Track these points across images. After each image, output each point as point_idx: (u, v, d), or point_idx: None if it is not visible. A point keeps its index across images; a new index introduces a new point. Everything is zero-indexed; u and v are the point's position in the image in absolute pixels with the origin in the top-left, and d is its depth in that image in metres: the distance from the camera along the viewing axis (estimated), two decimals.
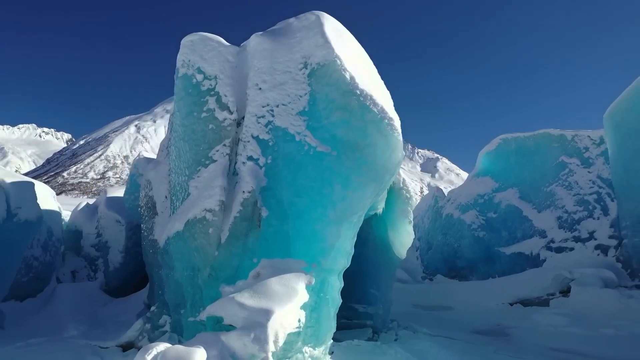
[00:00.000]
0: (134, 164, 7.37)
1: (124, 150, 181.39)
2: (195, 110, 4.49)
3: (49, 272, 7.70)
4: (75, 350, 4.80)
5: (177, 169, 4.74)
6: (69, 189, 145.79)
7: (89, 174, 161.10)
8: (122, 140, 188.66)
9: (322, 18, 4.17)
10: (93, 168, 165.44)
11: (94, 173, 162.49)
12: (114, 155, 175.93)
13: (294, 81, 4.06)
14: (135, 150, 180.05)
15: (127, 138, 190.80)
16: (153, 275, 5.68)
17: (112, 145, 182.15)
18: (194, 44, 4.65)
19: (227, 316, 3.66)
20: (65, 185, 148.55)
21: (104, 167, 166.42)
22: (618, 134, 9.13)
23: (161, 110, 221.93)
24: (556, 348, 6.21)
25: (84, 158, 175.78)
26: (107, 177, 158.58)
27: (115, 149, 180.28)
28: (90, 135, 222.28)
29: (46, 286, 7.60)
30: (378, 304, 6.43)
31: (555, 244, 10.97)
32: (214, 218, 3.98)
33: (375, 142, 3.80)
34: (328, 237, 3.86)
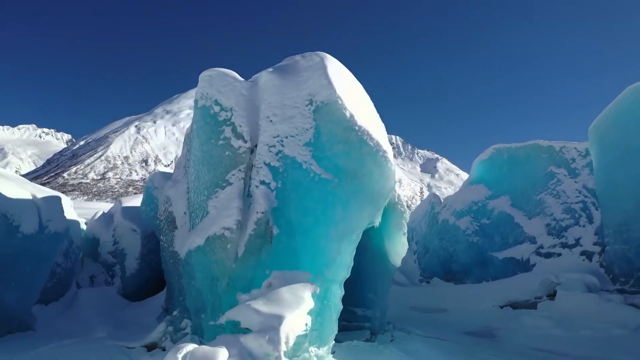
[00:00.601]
0: (150, 177, 7.97)
1: (124, 150, 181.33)
2: (213, 137, 5.10)
3: (70, 278, 8.29)
4: (105, 350, 5.40)
5: (196, 189, 5.35)
6: (69, 189, 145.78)
7: (89, 175, 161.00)
8: (122, 140, 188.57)
9: (326, 60, 4.78)
10: (93, 169, 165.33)
11: (94, 174, 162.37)
12: (114, 155, 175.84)
13: (301, 116, 4.67)
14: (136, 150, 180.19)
15: (127, 139, 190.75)
16: (172, 282, 6.28)
17: (112, 146, 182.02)
18: (211, 79, 5.26)
19: (244, 320, 4.26)
20: (66, 186, 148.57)
21: (104, 168, 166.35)
22: (601, 147, 9.75)
23: (161, 111, 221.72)
24: (537, 348, 6.81)
25: (84, 159, 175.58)
26: (107, 178, 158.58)
27: (115, 149, 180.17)
28: (90, 136, 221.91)
29: (67, 291, 8.19)
30: (375, 307, 7.03)
31: (544, 249, 11.56)
32: (231, 235, 4.59)
33: (371, 171, 4.42)
34: (330, 252, 4.48)
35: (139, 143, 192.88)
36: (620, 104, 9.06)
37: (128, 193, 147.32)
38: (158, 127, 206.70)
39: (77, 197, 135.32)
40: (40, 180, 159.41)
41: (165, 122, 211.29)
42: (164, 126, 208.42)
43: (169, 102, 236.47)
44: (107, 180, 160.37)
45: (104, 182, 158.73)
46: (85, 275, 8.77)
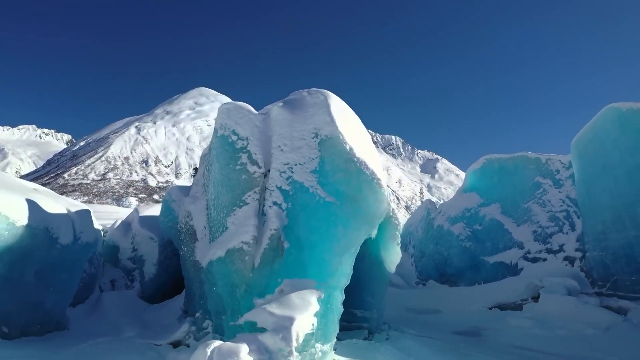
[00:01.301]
0: (168, 191, 8.78)
1: (125, 151, 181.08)
2: (231, 163, 5.90)
3: (94, 282, 9.08)
4: (136, 348, 6.19)
5: (215, 207, 6.16)
6: (70, 190, 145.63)
7: (89, 175, 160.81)
8: (123, 141, 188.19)
9: (329, 99, 5.58)
10: (94, 169, 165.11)
11: (95, 174, 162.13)
12: (115, 156, 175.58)
13: (308, 147, 5.47)
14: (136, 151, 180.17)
15: (127, 139, 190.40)
16: (193, 287, 7.08)
17: (113, 146, 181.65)
18: (229, 111, 6.06)
19: (260, 321, 5.06)
20: (66, 187, 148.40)
21: (105, 169, 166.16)
22: (581, 161, 10.56)
23: (161, 112, 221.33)
24: (516, 346, 7.61)
25: (85, 159, 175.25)
26: (108, 179, 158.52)
27: (115, 150, 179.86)
28: (90, 137, 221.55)
29: (91, 294, 8.98)
30: (372, 309, 7.83)
31: (531, 254, 12.38)
32: (249, 249, 5.38)
33: (367, 196, 5.22)
34: (333, 263, 5.28)
35: (139, 144, 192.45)
36: (597, 122, 9.87)
37: (128, 194, 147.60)
38: (158, 127, 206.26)
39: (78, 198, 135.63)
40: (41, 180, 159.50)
41: (165, 122, 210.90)
42: (164, 127, 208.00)
43: (169, 103, 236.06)
44: (108, 180, 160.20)
45: (104, 182, 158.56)
46: (107, 280, 9.55)
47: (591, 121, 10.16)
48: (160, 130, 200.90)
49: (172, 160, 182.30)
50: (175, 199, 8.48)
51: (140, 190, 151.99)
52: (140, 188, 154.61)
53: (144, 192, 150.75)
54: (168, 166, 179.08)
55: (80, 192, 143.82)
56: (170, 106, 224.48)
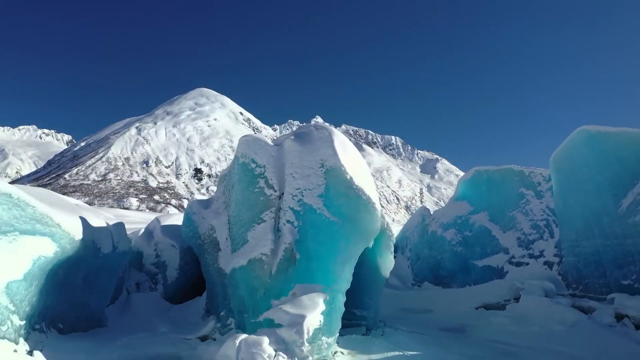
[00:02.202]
0: (189, 204, 9.95)
1: (125, 152, 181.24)
2: (251, 186, 7.06)
3: (122, 285, 10.23)
4: (170, 341, 7.34)
5: (236, 223, 7.32)
6: (71, 190, 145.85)
7: (90, 176, 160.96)
8: (123, 142, 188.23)
9: (333, 135, 6.76)
10: (94, 170, 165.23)
11: (95, 175, 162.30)
12: (115, 157, 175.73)
13: (315, 175, 6.64)
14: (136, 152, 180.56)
15: (127, 140, 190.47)
16: (216, 290, 8.23)
17: (113, 147, 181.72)
18: (248, 143, 7.24)
19: (277, 319, 6.23)
20: (67, 187, 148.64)
21: (105, 169, 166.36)
22: (558, 176, 11.73)
23: (162, 112, 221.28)
24: (493, 340, 8.76)
25: (85, 160, 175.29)
26: (109, 179, 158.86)
27: (116, 150, 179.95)
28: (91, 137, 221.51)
29: (120, 295, 10.13)
30: (370, 309, 8.99)
31: (515, 259, 13.55)
32: (267, 259, 6.55)
33: (364, 217, 6.39)
34: (336, 271, 6.44)
35: (140, 144, 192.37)
36: (570, 142, 11.04)
37: (129, 194, 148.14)
38: (159, 128, 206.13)
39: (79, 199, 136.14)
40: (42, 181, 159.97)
41: (165, 123, 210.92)
42: (165, 127, 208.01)
43: (170, 104, 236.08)
44: (108, 181, 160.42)
45: (105, 183, 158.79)
46: (132, 282, 10.69)
47: (566, 140, 11.33)
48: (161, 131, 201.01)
49: (173, 161, 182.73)
50: (196, 211, 9.65)
51: (140, 191, 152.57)
52: (140, 189, 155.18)
53: (144, 193, 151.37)
54: (168, 167, 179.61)
55: (81, 192, 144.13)
56: (170, 107, 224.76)
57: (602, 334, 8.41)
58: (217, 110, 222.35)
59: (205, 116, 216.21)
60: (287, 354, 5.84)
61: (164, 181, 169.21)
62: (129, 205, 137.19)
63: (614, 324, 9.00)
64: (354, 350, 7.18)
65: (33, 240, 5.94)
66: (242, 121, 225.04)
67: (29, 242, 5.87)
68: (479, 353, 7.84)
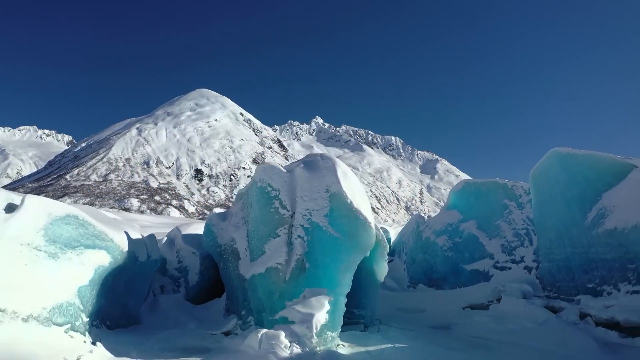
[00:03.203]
0: (209, 217, 11.37)
1: (126, 152, 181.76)
2: (267, 206, 8.48)
3: (149, 288, 11.62)
4: (199, 335, 8.74)
5: (255, 236, 8.73)
6: (72, 191, 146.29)
7: (91, 177, 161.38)
8: (124, 142, 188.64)
9: (336, 165, 8.18)
10: (95, 171, 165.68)
11: (96, 176, 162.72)
12: (116, 158, 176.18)
13: (322, 198, 8.05)
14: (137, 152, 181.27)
15: (128, 141, 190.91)
16: (236, 292, 9.64)
17: (114, 147, 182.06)
18: (265, 170, 8.66)
19: (290, 317, 7.64)
20: (68, 188, 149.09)
21: (106, 170, 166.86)
22: (535, 189, 13.14)
23: (162, 113, 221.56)
24: (473, 335, 10.15)
25: (86, 161, 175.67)
26: (110, 180, 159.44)
27: (117, 151, 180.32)
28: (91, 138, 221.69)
29: (147, 297, 11.51)
30: (367, 309, 10.40)
31: (499, 264, 14.96)
32: (281, 267, 7.96)
33: (361, 234, 7.80)
34: (339, 278, 7.85)
35: (141, 145, 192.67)
36: (544, 161, 12.46)
37: (130, 195, 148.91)
38: (159, 129, 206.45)
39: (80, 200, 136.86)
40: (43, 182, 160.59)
41: (166, 124, 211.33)
42: (165, 128, 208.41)
43: (170, 104, 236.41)
44: (109, 182, 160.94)
45: (106, 184, 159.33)
46: (157, 285, 12.07)
47: (541, 159, 12.75)
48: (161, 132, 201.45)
49: (173, 162, 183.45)
50: (215, 223, 11.09)
51: (141, 192, 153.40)
52: (141, 189, 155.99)
53: (145, 194, 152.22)
54: (169, 167, 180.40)
55: (82, 193, 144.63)
56: (171, 107, 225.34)
57: (566, 331, 9.82)
58: (218, 111, 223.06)
59: (205, 117, 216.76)
60: (299, 345, 7.26)
61: (165, 182, 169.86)
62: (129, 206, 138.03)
63: (577, 322, 10.43)
64: (353, 344, 8.57)
65: (93, 252, 7.34)
66: (243, 122, 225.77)
67: (91, 254, 7.27)
68: (459, 346, 9.25)
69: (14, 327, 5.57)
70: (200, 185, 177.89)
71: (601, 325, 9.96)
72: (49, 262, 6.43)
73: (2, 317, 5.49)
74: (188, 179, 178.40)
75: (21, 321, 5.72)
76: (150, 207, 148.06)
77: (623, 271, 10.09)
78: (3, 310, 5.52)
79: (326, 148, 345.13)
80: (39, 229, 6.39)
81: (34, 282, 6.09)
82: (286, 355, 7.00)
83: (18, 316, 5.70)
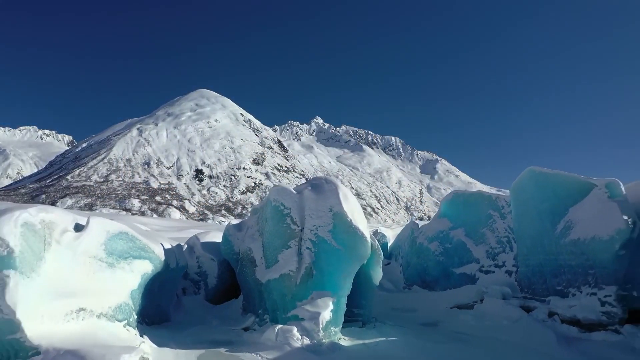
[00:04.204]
0: (227, 227, 13.00)
1: (127, 153, 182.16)
2: (280, 222, 10.11)
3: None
4: (222, 331, 10.37)
5: (269, 247, 10.37)
6: (73, 192, 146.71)
7: (92, 177, 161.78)
8: (125, 143, 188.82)
9: (338, 188, 9.80)
10: (96, 171, 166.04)
11: (98, 176, 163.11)
12: (117, 158, 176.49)
13: (326, 216, 9.68)
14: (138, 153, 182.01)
15: (129, 141, 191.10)
16: (253, 294, 11.26)
17: (115, 148, 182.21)
18: (279, 191, 10.29)
19: (301, 315, 9.27)
20: (69, 189, 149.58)
21: (107, 170, 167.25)
22: (515, 202, 14.78)
23: (163, 114, 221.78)
24: (456, 331, 11.77)
25: (88, 161, 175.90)
26: (110, 180, 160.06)
27: (118, 152, 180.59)
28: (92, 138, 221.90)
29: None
30: (365, 308, 12.03)
31: (484, 268, 16.59)
32: (293, 274, 9.59)
33: (359, 246, 9.44)
34: (340, 283, 9.50)
35: (141, 145, 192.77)
36: (521, 178, 14.12)
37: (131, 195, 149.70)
38: (160, 129, 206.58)
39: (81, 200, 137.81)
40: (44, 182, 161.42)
41: (166, 124, 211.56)
42: (166, 128, 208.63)
43: (171, 105, 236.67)
44: (110, 182, 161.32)
45: (107, 184, 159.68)
46: (180, 288, 13.69)
47: (519, 176, 14.40)
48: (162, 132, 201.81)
49: (174, 162, 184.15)
50: (232, 234, 12.74)
51: (142, 192, 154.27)
52: (142, 190, 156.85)
53: (146, 194, 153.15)
54: (170, 168, 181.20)
55: (83, 193, 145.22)
56: (171, 108, 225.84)
57: (534, 327, 11.46)
58: (218, 112, 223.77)
59: (206, 117, 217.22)
60: (308, 338, 8.90)
61: (165, 182, 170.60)
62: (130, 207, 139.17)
63: (546, 320, 12.08)
64: (353, 338, 10.21)
65: (140, 262, 8.96)
66: (243, 122, 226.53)
67: (138, 263, 8.90)
68: (442, 340, 10.90)
69: (92, 321, 7.19)
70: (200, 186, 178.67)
71: (565, 322, 11.63)
72: (109, 270, 8.05)
73: (84, 314, 7.12)
74: (188, 180, 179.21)
75: (96, 317, 7.35)
76: (151, 207, 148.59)
77: (585, 276, 11.74)
78: (84, 308, 7.15)
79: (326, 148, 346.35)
80: (101, 244, 8.01)
81: (100, 287, 7.71)
82: (298, 346, 8.64)
83: (93, 313, 7.32)
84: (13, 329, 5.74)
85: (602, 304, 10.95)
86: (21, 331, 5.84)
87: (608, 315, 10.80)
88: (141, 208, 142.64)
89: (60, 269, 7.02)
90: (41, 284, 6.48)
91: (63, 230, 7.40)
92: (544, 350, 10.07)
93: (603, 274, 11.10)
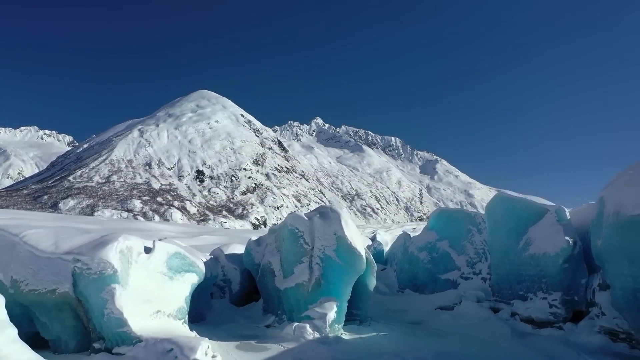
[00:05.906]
0: (249, 243, 15.79)
1: (128, 154, 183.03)
2: (295, 242, 12.92)
3: None
4: (249, 327, 13.14)
5: (286, 261, 13.15)
6: (75, 193, 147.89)
7: (94, 178, 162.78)
8: (126, 144, 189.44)
9: (341, 217, 12.58)
10: (98, 172, 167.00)
11: (99, 177, 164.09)
12: (118, 159, 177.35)
13: (331, 239, 12.47)
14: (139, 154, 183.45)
15: (130, 142, 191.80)
16: (272, 299, 14.03)
17: (116, 149, 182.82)
18: (294, 218, 13.09)
19: (312, 315, 12.09)
20: (71, 189, 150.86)
21: (109, 171, 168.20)
22: (488, 220, 17.57)
23: (163, 114, 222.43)
24: (436, 328, 14.52)
25: (89, 162, 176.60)
26: (112, 181, 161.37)
27: (119, 153, 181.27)
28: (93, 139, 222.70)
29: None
30: (362, 310, 14.82)
31: (465, 275, 19.38)
32: (305, 283, 12.38)
33: (357, 263, 12.25)
34: (342, 290, 12.33)
35: (142, 146, 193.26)
36: (493, 200, 16.92)
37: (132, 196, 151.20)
38: (161, 130, 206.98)
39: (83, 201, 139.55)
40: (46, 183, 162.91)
41: (167, 125, 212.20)
42: (167, 129, 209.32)
43: (171, 106, 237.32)
44: (112, 183, 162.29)
45: (108, 185, 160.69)
46: (209, 292, 16.46)
47: (491, 199, 17.20)
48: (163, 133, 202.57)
49: (175, 163, 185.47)
50: (253, 248, 15.55)
51: (144, 193, 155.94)
52: (143, 190, 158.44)
53: (147, 195, 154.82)
54: (171, 169, 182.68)
55: (85, 194, 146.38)
56: (172, 109, 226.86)
57: (497, 324, 14.26)
58: (219, 113, 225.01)
59: (206, 118, 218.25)
60: (318, 332, 11.69)
61: (167, 183, 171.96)
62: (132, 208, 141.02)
63: (509, 319, 14.88)
64: (352, 333, 12.99)
65: (189, 275, 11.74)
66: (243, 123, 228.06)
67: (188, 276, 11.67)
68: (423, 335, 13.69)
69: (165, 320, 9.96)
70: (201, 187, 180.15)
71: (523, 320, 14.43)
72: (170, 282, 10.82)
73: (160, 314, 9.90)
74: (189, 180, 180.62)
75: (166, 317, 10.12)
76: (153, 208, 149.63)
77: (539, 283, 14.54)
78: (160, 310, 9.92)
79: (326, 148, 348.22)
80: (164, 262, 10.77)
81: (166, 295, 10.48)
82: (310, 338, 11.43)
83: (164, 314, 10.09)
84: (121, 324, 8.48)
85: (550, 306, 13.75)
86: (127, 326, 8.59)
87: (554, 315, 13.61)
88: (143, 209, 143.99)
89: (140, 282, 9.76)
90: (132, 293, 9.21)
91: (138, 253, 10.15)
92: (502, 343, 12.85)
93: (552, 282, 13.89)
